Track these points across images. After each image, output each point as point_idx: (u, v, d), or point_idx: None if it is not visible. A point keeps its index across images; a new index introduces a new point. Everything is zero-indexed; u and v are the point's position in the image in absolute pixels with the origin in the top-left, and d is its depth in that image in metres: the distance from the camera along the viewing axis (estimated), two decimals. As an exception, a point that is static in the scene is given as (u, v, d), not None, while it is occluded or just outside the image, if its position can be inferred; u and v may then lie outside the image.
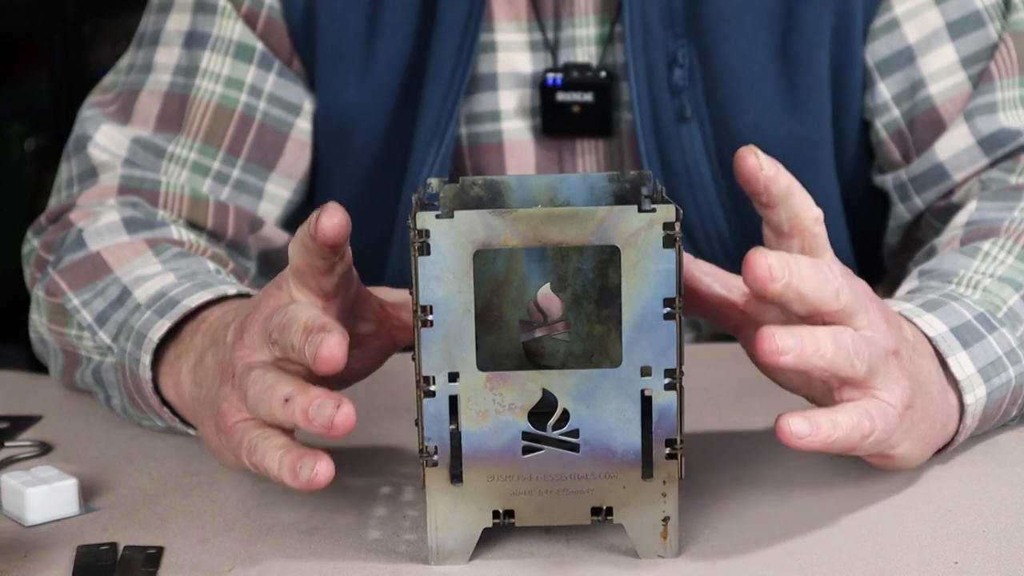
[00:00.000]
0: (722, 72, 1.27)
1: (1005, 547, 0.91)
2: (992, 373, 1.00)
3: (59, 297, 1.18)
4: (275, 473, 0.90)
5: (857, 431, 0.91)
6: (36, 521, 0.98)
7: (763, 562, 0.90)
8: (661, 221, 0.87)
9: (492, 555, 0.91)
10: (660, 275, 0.87)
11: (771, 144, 1.28)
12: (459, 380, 0.88)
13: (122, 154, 1.28)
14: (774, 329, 0.88)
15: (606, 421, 0.89)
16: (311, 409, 0.88)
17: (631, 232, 0.87)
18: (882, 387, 0.93)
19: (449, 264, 0.87)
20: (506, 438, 0.89)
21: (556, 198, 1.00)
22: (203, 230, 1.27)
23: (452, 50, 1.28)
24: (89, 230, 1.21)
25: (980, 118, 1.24)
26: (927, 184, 1.27)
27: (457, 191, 1.00)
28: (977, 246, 1.12)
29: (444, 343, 0.88)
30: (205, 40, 1.30)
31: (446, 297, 0.88)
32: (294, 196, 1.33)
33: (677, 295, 0.88)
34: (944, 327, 1.00)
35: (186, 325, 1.06)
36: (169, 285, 1.10)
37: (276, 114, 1.31)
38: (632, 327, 0.88)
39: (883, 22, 1.28)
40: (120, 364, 1.10)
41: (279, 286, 0.95)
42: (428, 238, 0.87)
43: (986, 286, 1.05)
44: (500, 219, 0.87)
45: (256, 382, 0.91)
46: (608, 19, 1.30)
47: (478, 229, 0.87)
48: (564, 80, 1.29)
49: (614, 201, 1.00)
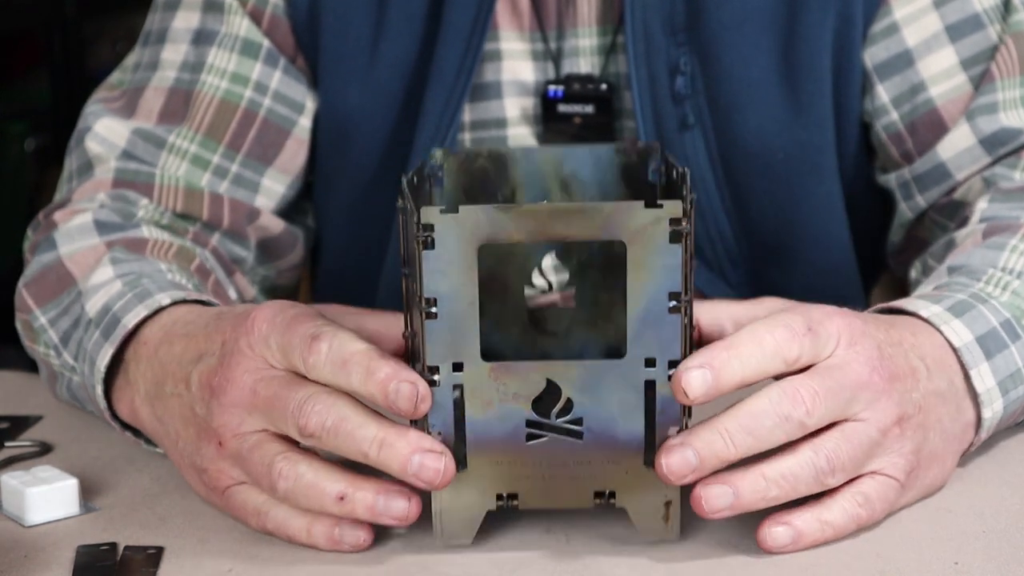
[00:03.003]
0: (724, 79, 1.27)
1: (1005, 547, 0.91)
2: (1010, 386, 1.00)
3: (27, 314, 1.18)
4: (303, 541, 0.92)
5: (852, 524, 0.91)
6: (36, 521, 0.98)
7: (763, 562, 0.90)
8: (668, 217, 0.86)
9: (492, 555, 0.91)
10: (666, 270, 0.87)
11: (774, 150, 1.28)
12: (463, 370, 0.88)
13: (120, 145, 1.28)
14: (702, 491, 0.88)
15: (610, 410, 0.89)
16: (378, 506, 0.89)
17: (638, 227, 0.86)
18: (880, 465, 0.92)
19: (453, 258, 0.87)
20: (510, 426, 0.89)
21: (561, 170, 0.99)
22: (198, 221, 1.27)
23: (456, 57, 1.28)
24: (61, 230, 1.20)
25: (981, 118, 1.24)
26: (930, 183, 1.27)
27: (462, 162, 0.99)
28: (1003, 241, 1.11)
29: (448, 335, 0.88)
30: (213, 37, 1.30)
31: (450, 290, 0.87)
32: (289, 191, 1.33)
33: (684, 289, 0.87)
34: (970, 336, 0.99)
35: (128, 348, 1.05)
36: (114, 297, 1.08)
37: (280, 111, 1.31)
38: (637, 320, 0.87)
39: (882, 26, 1.27)
40: (83, 385, 1.10)
41: (251, 346, 0.93)
42: (432, 232, 0.86)
43: (1015, 288, 1.05)
44: (505, 214, 0.87)
45: (287, 476, 0.90)
46: (610, 29, 1.30)
47: (483, 224, 0.87)
48: (565, 92, 1.29)
49: (620, 173, 0.99)
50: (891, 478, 0.93)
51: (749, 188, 1.29)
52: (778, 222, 1.30)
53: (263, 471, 0.92)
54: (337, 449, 0.89)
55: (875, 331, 0.94)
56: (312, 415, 0.89)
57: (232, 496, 0.95)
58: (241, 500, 0.94)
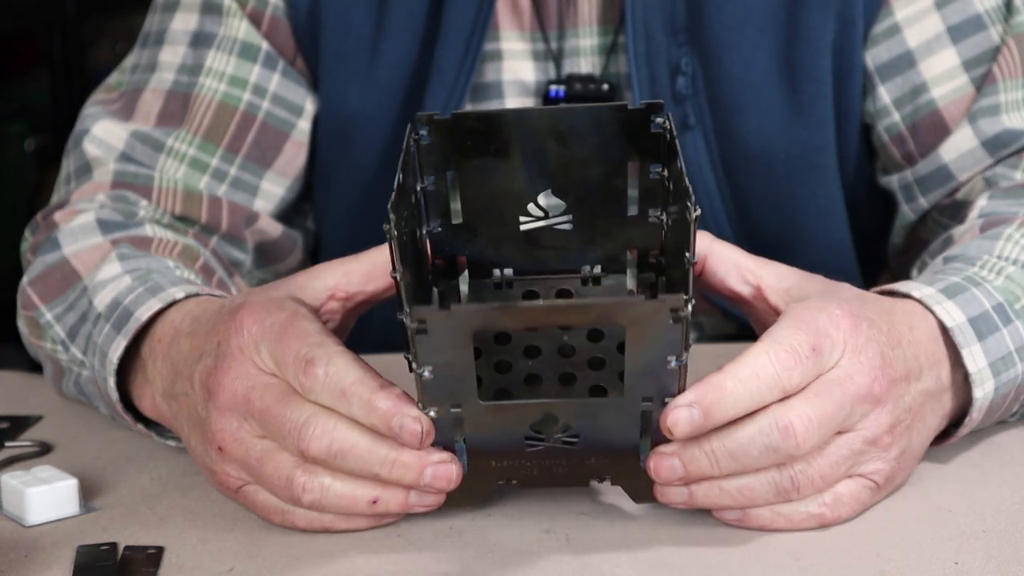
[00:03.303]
0: (725, 80, 1.27)
1: (1005, 547, 0.91)
2: (1001, 368, 1.00)
3: (32, 311, 1.18)
4: (341, 528, 0.94)
5: (812, 522, 0.92)
6: (36, 521, 0.98)
7: (763, 562, 0.90)
8: (668, 308, 0.83)
9: (492, 555, 0.91)
10: (666, 344, 0.85)
11: (775, 151, 1.28)
12: (462, 409, 0.88)
13: (118, 147, 1.28)
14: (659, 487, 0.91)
15: (608, 431, 0.90)
16: (411, 500, 0.92)
17: (637, 315, 0.84)
18: (863, 469, 0.94)
19: (445, 345, 0.85)
20: (509, 441, 0.90)
21: (559, 127, 0.95)
22: (196, 223, 1.27)
23: (456, 58, 1.28)
24: (64, 230, 1.20)
25: (984, 120, 1.24)
26: (932, 185, 1.27)
27: (450, 126, 0.95)
28: (999, 231, 1.11)
29: (445, 388, 0.87)
30: (211, 40, 1.30)
31: (445, 363, 0.86)
32: (288, 193, 1.33)
33: (683, 349, 0.86)
34: (963, 316, 1.00)
35: (143, 344, 1.05)
36: (124, 291, 1.08)
37: (279, 114, 1.31)
38: (636, 374, 0.87)
39: (884, 27, 1.27)
40: (93, 379, 1.09)
41: (241, 349, 0.93)
42: (425, 324, 0.84)
43: (1009, 273, 1.05)
44: (501, 312, 0.85)
45: (311, 489, 0.91)
46: (611, 29, 1.30)
47: (477, 319, 0.84)
48: (566, 92, 1.29)
49: (621, 128, 0.95)
50: (871, 481, 0.94)
51: (750, 189, 1.29)
52: (778, 223, 1.30)
53: (281, 484, 0.92)
54: (345, 470, 0.91)
55: (878, 334, 0.94)
56: (313, 440, 0.90)
57: (248, 496, 0.95)
58: (261, 500, 0.95)
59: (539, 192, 0.96)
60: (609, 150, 0.96)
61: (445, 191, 0.96)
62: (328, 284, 0.98)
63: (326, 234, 1.38)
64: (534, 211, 0.96)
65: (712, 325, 1.33)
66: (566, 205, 0.97)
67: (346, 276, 0.98)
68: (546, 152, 0.96)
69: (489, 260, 0.99)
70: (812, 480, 0.91)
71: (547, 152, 0.96)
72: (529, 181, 0.97)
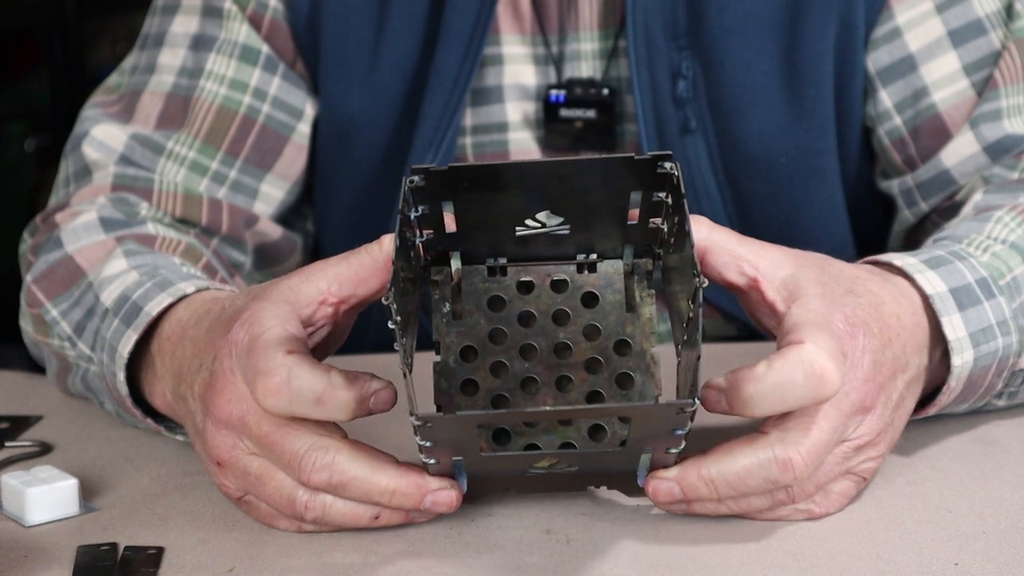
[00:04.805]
0: (726, 83, 1.27)
1: (1005, 548, 0.91)
2: (981, 339, 1.01)
3: (38, 308, 1.18)
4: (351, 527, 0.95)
5: (800, 516, 0.94)
6: (36, 521, 0.98)
7: (763, 563, 0.90)
8: (676, 409, 0.86)
9: (492, 555, 0.91)
10: (672, 432, 0.88)
11: (776, 154, 1.28)
12: (463, 457, 0.90)
13: (118, 150, 1.28)
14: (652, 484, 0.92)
15: (607, 466, 0.93)
16: (412, 515, 0.93)
17: (644, 411, 0.87)
18: (853, 469, 0.96)
19: (451, 436, 0.87)
20: (510, 470, 0.93)
21: (568, 183, 0.93)
22: (196, 226, 1.27)
23: (455, 62, 1.28)
24: (66, 229, 1.20)
25: (985, 125, 1.24)
26: (933, 190, 1.27)
27: (445, 176, 0.92)
28: (990, 214, 1.11)
29: (447, 447, 0.89)
30: (211, 43, 1.30)
31: (451, 446, 0.88)
32: (287, 196, 1.33)
33: (683, 441, 0.89)
34: (944, 286, 1.00)
35: (152, 340, 1.05)
36: (132, 286, 1.08)
37: (279, 118, 1.31)
38: (637, 441, 0.89)
39: (885, 31, 1.27)
40: (101, 374, 1.09)
41: (232, 371, 0.94)
42: (430, 424, 0.86)
43: (996, 251, 1.05)
44: (507, 416, 0.90)
45: (313, 507, 0.92)
46: (612, 33, 1.30)
47: (481, 419, 0.88)
48: (567, 97, 1.29)
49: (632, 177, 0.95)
50: (861, 478, 0.96)
51: (751, 192, 1.29)
52: (780, 225, 1.30)
53: (284, 502, 0.93)
54: (347, 499, 0.92)
55: (871, 340, 0.95)
56: (314, 472, 0.91)
57: (252, 506, 0.96)
58: (265, 512, 0.95)
59: (537, 212, 0.96)
60: (613, 197, 0.95)
61: (439, 213, 0.95)
62: (320, 288, 0.96)
63: (326, 236, 1.38)
64: (532, 224, 0.96)
65: (713, 326, 1.33)
66: (564, 219, 0.96)
67: (336, 281, 0.96)
68: (547, 195, 0.94)
69: (483, 253, 0.99)
70: (807, 490, 0.93)
71: (548, 195, 0.94)
72: (528, 211, 0.98)
